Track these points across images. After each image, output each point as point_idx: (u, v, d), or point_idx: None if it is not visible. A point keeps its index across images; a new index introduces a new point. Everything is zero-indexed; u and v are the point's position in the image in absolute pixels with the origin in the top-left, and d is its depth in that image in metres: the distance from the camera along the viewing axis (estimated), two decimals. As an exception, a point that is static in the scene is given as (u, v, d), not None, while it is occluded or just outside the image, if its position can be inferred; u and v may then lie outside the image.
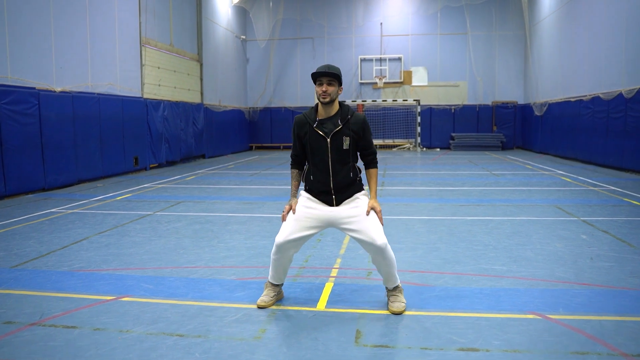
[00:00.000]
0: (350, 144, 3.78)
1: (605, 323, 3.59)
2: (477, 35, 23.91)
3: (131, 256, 5.48)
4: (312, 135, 3.79)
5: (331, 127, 3.77)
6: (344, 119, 3.79)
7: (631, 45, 13.05)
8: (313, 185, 3.86)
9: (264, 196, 9.84)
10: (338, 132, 3.76)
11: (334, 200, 3.82)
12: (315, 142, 3.79)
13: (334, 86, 3.74)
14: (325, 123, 3.79)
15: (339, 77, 3.74)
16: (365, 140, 3.87)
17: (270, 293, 4.01)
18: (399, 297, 3.89)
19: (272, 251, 3.92)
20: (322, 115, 3.82)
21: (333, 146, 3.76)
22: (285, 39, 24.94)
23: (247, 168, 15.78)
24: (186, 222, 7.28)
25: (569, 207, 8.21)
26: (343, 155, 3.79)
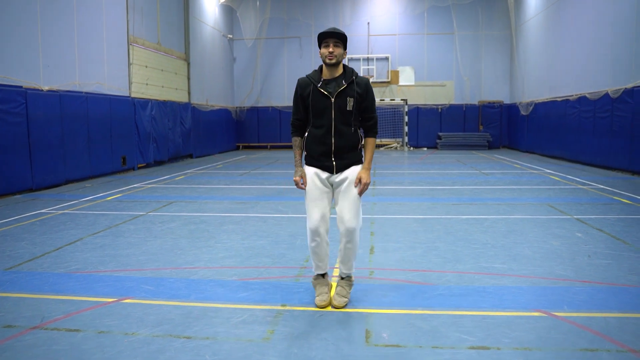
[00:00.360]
0: (354, 105, 3.77)
1: (609, 320, 3.62)
2: (464, 35, 24.07)
3: (128, 257, 5.40)
4: (315, 95, 3.78)
5: (335, 87, 3.76)
6: (349, 80, 3.78)
7: (617, 45, 13.24)
8: (314, 150, 3.85)
9: (256, 196, 9.78)
10: (342, 92, 3.75)
11: (334, 165, 3.83)
12: (318, 102, 3.77)
13: (340, 48, 3.74)
14: (329, 83, 3.79)
15: (345, 39, 3.75)
16: (368, 102, 3.86)
17: (324, 289, 3.96)
18: (345, 290, 3.96)
19: (309, 240, 3.89)
20: (326, 76, 3.81)
21: (337, 106, 3.75)
22: (272, 38, 24.86)
23: (235, 168, 15.69)
24: (181, 223, 7.21)
25: (561, 205, 8.30)
26: (346, 116, 3.78)
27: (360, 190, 3.81)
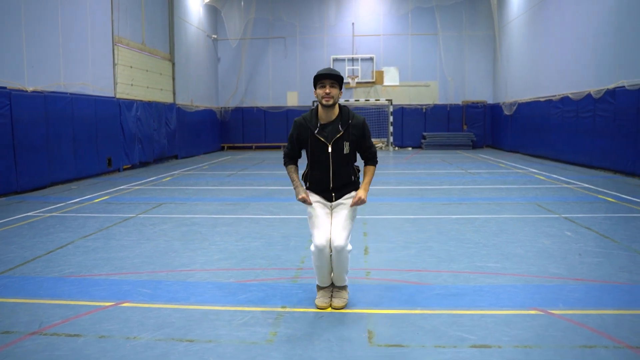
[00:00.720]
0: (350, 147, 3.86)
1: (605, 317, 3.70)
2: (448, 35, 24.28)
3: (122, 260, 5.36)
4: (313, 140, 3.84)
5: (333, 133, 3.81)
6: (345, 124, 3.82)
7: (599, 47, 13.48)
8: (313, 186, 3.98)
9: (246, 197, 9.76)
10: (339, 138, 3.81)
11: (333, 197, 3.96)
12: (316, 147, 3.85)
13: (336, 88, 3.77)
14: (326, 128, 3.83)
15: (342, 80, 3.77)
16: (366, 141, 3.94)
17: (327, 294, 3.99)
18: (341, 293, 3.99)
19: (314, 259, 3.87)
20: (323, 119, 3.85)
21: (334, 151, 3.81)
22: (257, 39, 24.79)
23: (222, 169, 15.62)
24: (172, 225, 7.16)
25: (548, 204, 8.43)
26: (344, 158, 3.88)
27: (353, 202, 3.83)
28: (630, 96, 11.72)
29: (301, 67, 25.04)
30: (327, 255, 3.81)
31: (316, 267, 3.91)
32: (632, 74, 11.77)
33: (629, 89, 11.75)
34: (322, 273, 3.91)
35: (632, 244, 5.75)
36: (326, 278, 3.95)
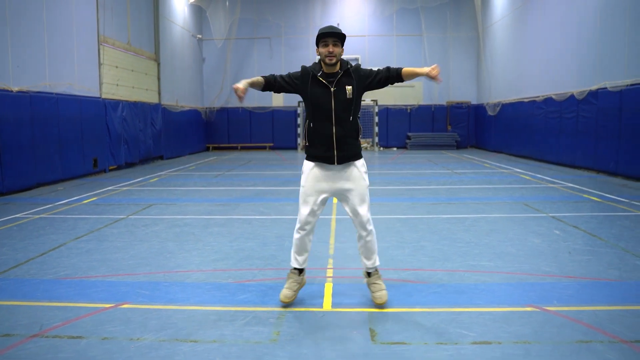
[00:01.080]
0: (353, 92, 3.85)
1: (598, 313, 3.80)
2: (432, 36, 24.49)
3: (118, 262, 5.34)
4: (315, 84, 3.86)
5: (334, 78, 3.85)
6: (344, 69, 3.87)
7: (581, 49, 13.74)
8: (314, 142, 3.91)
9: (236, 197, 9.76)
10: (340, 81, 3.83)
11: (335, 156, 3.88)
12: (318, 91, 3.85)
13: (339, 47, 3.81)
14: (329, 76, 3.86)
15: (344, 38, 3.80)
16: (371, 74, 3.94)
17: (294, 285, 4.02)
18: (378, 284, 4.01)
19: (295, 231, 3.98)
20: (325, 71, 3.89)
21: (336, 95, 3.82)
22: (242, 39, 24.72)
23: (209, 169, 15.57)
24: (164, 226, 7.14)
25: (535, 203, 8.58)
26: (346, 104, 3.86)
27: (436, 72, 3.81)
28: (612, 97, 11.97)
29: (287, 68, 25.01)
30: (309, 229, 3.94)
31: (295, 240, 3.99)
32: (614, 75, 12.03)
33: (611, 90, 12.01)
34: (299, 248, 3.99)
35: (618, 242, 5.90)
36: (302, 256, 4.02)
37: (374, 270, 4.06)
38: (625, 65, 11.64)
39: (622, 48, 11.77)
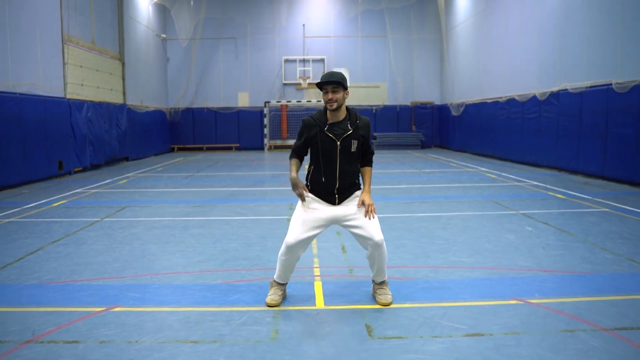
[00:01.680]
0: (357, 147, 3.95)
1: (578, 304, 4.02)
2: (397, 38, 24.87)
3: (101, 265, 5.27)
4: (322, 137, 3.92)
5: (341, 131, 3.91)
6: (354, 124, 3.94)
7: (542, 52, 14.26)
8: (317, 186, 3.99)
9: (210, 199, 9.71)
10: (348, 137, 3.90)
11: (336, 199, 3.98)
12: (325, 144, 3.91)
13: (339, 92, 3.85)
14: (334, 126, 3.92)
15: (343, 83, 3.84)
16: (368, 142, 4.06)
17: (278, 292, 4.09)
18: (385, 289, 4.12)
19: (280, 252, 4.01)
20: (331, 119, 3.95)
21: (342, 149, 3.90)
22: (207, 39, 24.48)
23: (177, 170, 15.39)
24: (142, 228, 7.06)
25: (504, 201, 8.89)
26: (351, 157, 3.96)
27: (366, 212, 3.93)
28: (573, 98, 12.49)
29: (252, 68, 24.97)
30: (293, 254, 3.95)
31: (280, 261, 4.01)
32: (574, 77, 12.55)
33: (572, 92, 12.52)
34: (284, 269, 4.03)
35: (587, 237, 6.20)
36: (287, 275, 4.08)
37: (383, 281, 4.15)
38: (585, 68, 12.17)
39: (581, 51, 12.29)
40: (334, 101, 3.83)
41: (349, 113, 3.98)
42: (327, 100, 3.84)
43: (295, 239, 3.91)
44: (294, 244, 3.91)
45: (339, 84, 3.82)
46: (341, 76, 3.85)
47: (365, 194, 4.00)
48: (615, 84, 10.79)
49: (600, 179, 11.49)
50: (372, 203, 3.99)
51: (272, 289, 4.13)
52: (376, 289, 4.14)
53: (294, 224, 3.97)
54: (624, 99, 10.52)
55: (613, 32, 11.07)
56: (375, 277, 4.14)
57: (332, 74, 3.86)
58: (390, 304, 4.02)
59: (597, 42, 11.65)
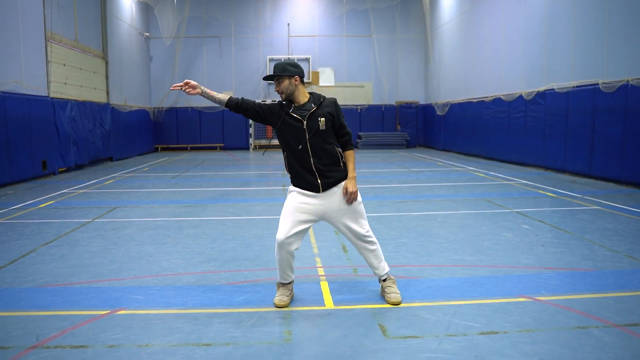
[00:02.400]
0: (326, 124, 3.89)
1: (585, 301, 4.04)
2: (382, 37, 24.93)
3: (98, 267, 5.14)
4: (287, 120, 3.90)
5: (305, 112, 3.90)
6: (317, 102, 3.93)
7: (528, 52, 14.42)
8: (297, 176, 3.95)
9: (201, 199, 9.58)
10: (313, 114, 3.88)
11: (319, 185, 3.90)
12: (291, 126, 3.89)
13: (284, 81, 3.88)
14: (299, 109, 3.93)
15: (285, 71, 3.86)
16: (340, 119, 4.00)
17: (286, 292, 4.04)
18: (393, 287, 4.10)
19: (275, 251, 3.96)
20: (296, 104, 3.96)
21: (310, 128, 3.86)
22: (191, 37, 24.24)
23: (163, 170, 15.19)
24: (136, 229, 6.93)
25: (497, 200, 8.94)
26: (321, 136, 3.89)
27: (348, 199, 3.92)
28: (559, 98, 12.64)
29: (237, 67, 24.80)
30: (286, 250, 3.87)
31: (277, 261, 3.96)
32: (561, 77, 12.71)
33: (558, 91, 12.68)
34: (282, 268, 3.97)
35: (584, 235, 6.26)
36: (287, 273, 4.01)
37: (387, 275, 4.13)
38: (571, 67, 12.33)
39: (568, 51, 12.45)
40: (280, 92, 3.90)
41: (312, 95, 3.99)
42: (277, 92, 3.92)
43: (285, 235, 3.85)
44: (283, 240, 3.85)
45: (276, 75, 3.87)
46: (281, 66, 3.89)
47: (348, 181, 3.95)
48: (602, 83, 10.95)
49: (587, 177, 11.65)
50: (354, 191, 3.93)
51: (279, 290, 4.08)
52: (385, 288, 4.11)
53: (282, 220, 3.93)
54: (611, 99, 10.68)
55: (600, 32, 11.24)
56: (375, 271, 4.12)
57: (274, 66, 3.94)
58: (399, 303, 4.00)
59: (584, 42, 11.80)
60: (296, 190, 3.98)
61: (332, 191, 3.96)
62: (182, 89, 3.93)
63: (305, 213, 3.93)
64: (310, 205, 3.94)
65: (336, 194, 3.96)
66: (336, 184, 3.96)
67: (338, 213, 3.97)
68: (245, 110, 3.99)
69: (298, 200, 3.95)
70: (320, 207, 3.95)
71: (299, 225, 3.91)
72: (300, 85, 3.93)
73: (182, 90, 3.94)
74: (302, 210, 3.92)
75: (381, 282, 4.17)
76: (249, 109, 3.98)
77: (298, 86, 3.92)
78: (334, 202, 3.95)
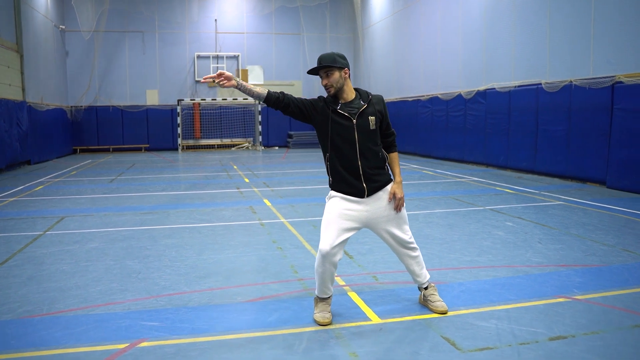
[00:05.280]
0: (375, 123, 3.63)
1: (620, 297, 4.06)
2: (311, 36, 24.80)
3: (82, 289, 4.47)
4: (336, 118, 3.57)
5: (355, 109, 3.60)
6: (366, 99, 3.65)
7: (468, 51, 14.86)
8: (340, 177, 3.61)
9: (157, 204, 8.85)
10: (364, 113, 3.59)
11: (365, 189, 3.61)
12: (340, 125, 3.56)
13: (334, 74, 3.53)
14: (347, 106, 3.61)
15: (335, 62, 3.52)
16: (387, 119, 3.75)
17: (327, 307, 3.70)
18: (436, 295, 3.90)
19: (316, 263, 3.61)
20: (342, 101, 3.63)
21: (360, 128, 3.57)
22: (112, 32, 22.69)
23: (95, 174, 14.00)
24: (102, 241, 6.19)
25: (462, 197, 9.04)
26: (370, 136, 3.61)
27: (396, 205, 3.68)
28: (501, 97, 13.12)
29: (162, 64, 23.58)
30: (330, 262, 3.53)
31: (318, 273, 3.61)
32: (502, 77, 13.20)
33: (499, 90, 13.15)
34: (323, 281, 3.62)
35: (569, 230, 6.42)
36: (328, 287, 3.68)
37: (428, 283, 3.90)
38: (512, 68, 12.83)
39: (509, 52, 12.95)
40: (329, 86, 3.55)
41: (359, 92, 3.69)
42: (324, 87, 3.57)
43: (330, 245, 3.52)
44: (329, 251, 3.51)
45: (328, 66, 3.51)
46: (331, 57, 3.53)
47: (396, 186, 3.71)
48: (544, 83, 11.47)
49: (531, 173, 12.17)
50: (402, 196, 3.71)
51: (318, 306, 3.72)
52: (428, 296, 3.89)
53: (326, 229, 3.58)
54: (554, 98, 11.21)
55: (541, 33, 11.76)
56: (417, 280, 3.90)
57: (321, 57, 3.57)
58: (447, 312, 3.79)
59: (525, 43, 12.32)
60: (339, 196, 3.65)
61: (376, 196, 3.67)
62: (215, 82, 3.47)
63: (350, 220, 3.61)
64: (354, 211, 3.62)
65: (381, 199, 3.67)
66: (381, 189, 3.68)
67: (383, 219, 3.69)
68: (286, 106, 3.59)
69: (342, 206, 3.62)
70: (365, 213, 3.64)
71: (344, 234, 3.59)
72: (348, 79, 3.60)
73: (214, 82, 3.47)
74: (347, 217, 3.60)
75: (422, 290, 3.94)
76: (291, 104, 3.59)
77: (347, 80, 3.59)
78: (379, 207, 3.67)
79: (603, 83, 9.85)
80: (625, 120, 9.42)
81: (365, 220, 3.66)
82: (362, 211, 3.63)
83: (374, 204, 3.65)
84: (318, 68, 3.54)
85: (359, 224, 3.66)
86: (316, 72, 3.58)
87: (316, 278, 3.67)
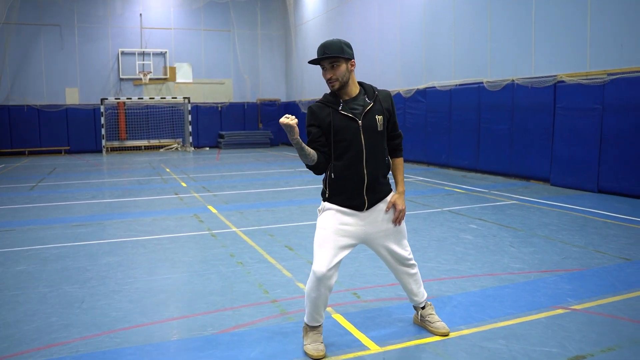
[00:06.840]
0: (383, 124, 3.18)
1: (616, 305, 3.90)
2: (242, 33, 24.05)
3: (14, 328, 3.71)
4: (338, 120, 3.11)
5: (360, 108, 3.14)
6: (372, 96, 3.19)
7: (407, 50, 14.83)
8: (340, 186, 3.16)
9: (89, 215, 7.96)
10: (370, 112, 3.14)
11: (365, 201, 3.18)
12: (344, 128, 3.10)
13: (341, 66, 3.07)
14: (350, 104, 3.15)
15: (343, 52, 3.05)
16: (394, 118, 3.31)
17: (319, 338, 3.23)
18: (435, 316, 3.55)
19: (309, 287, 3.15)
20: (344, 98, 3.17)
21: (366, 129, 3.13)
22: (25, 24, 20.78)
23: (11, 181, 12.60)
24: (31, 263, 5.33)
25: (416, 199, 8.85)
26: (378, 139, 3.17)
27: (396, 218, 3.28)
28: (442, 95, 13.15)
29: (82, 61, 21.93)
30: (326, 285, 3.10)
31: (310, 299, 3.15)
32: (442, 76, 13.23)
33: (440, 89, 13.18)
34: (316, 307, 3.17)
35: (535, 231, 6.33)
36: (320, 314, 3.23)
37: (425, 302, 3.54)
38: (453, 66, 12.89)
39: (449, 51, 13.00)
40: (334, 80, 3.07)
41: (363, 86, 3.24)
42: (328, 81, 3.08)
43: (327, 267, 3.08)
44: (325, 274, 3.07)
45: (336, 57, 3.03)
46: (338, 46, 3.03)
47: (397, 196, 3.30)
48: (486, 82, 11.57)
49: (474, 172, 12.26)
50: (404, 209, 3.31)
51: (309, 336, 3.24)
52: (426, 317, 3.52)
53: (320, 248, 3.13)
54: (497, 97, 11.32)
55: (482, 33, 11.86)
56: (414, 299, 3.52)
57: (325, 45, 3.06)
58: (449, 333, 3.44)
59: (466, 42, 12.39)
60: (334, 208, 3.18)
61: (374, 208, 3.24)
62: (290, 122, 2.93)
63: (346, 237, 3.17)
64: (351, 226, 3.18)
65: (377, 211, 3.25)
66: (381, 200, 3.26)
67: (381, 234, 3.27)
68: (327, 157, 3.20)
69: (337, 220, 3.16)
70: (362, 227, 3.21)
71: (340, 252, 3.15)
72: (353, 72, 3.13)
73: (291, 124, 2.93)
74: (343, 233, 3.16)
75: (419, 310, 3.56)
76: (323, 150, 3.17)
77: (352, 73, 3.12)
78: (377, 221, 3.24)
79: (545, 82, 10.02)
80: (567, 118, 9.62)
81: (363, 235, 3.23)
82: (359, 226, 3.20)
83: (372, 217, 3.23)
84: (323, 58, 3.03)
85: (355, 240, 3.22)
86: (317, 62, 3.08)
87: (307, 304, 3.20)
